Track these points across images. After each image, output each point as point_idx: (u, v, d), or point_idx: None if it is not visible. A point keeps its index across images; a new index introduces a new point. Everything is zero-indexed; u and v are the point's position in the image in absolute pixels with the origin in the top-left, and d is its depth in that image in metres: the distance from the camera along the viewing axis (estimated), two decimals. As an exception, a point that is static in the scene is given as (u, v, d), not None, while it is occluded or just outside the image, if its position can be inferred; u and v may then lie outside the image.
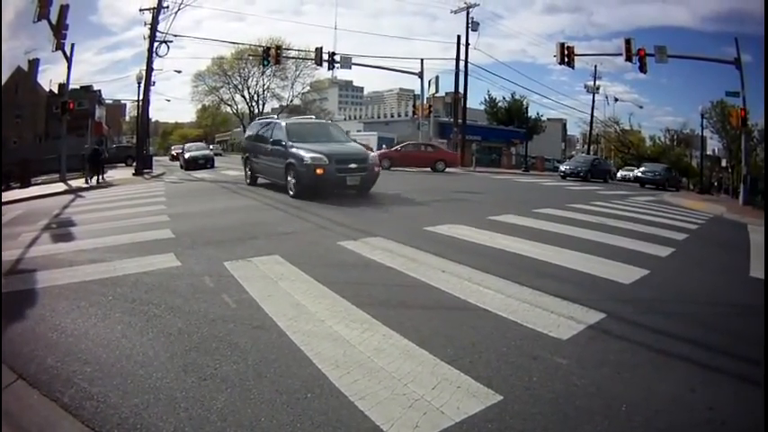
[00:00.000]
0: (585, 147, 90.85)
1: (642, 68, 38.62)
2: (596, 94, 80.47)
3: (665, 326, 6.60)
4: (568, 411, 4.39)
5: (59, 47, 33.99)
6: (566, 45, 41.91)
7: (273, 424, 4.07)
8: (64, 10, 33.21)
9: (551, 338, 5.92)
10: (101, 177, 33.96)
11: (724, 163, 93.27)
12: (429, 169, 43.00)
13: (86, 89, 73.39)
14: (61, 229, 14.67)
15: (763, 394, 4.69)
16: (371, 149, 47.11)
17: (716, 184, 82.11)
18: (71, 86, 42.48)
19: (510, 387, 4.74)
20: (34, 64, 66.79)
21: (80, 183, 32.00)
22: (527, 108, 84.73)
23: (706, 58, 41.86)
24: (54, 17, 32.52)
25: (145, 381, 4.77)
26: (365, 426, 4.05)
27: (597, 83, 79.53)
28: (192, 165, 48.12)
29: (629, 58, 38.10)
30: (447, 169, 44.21)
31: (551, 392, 4.69)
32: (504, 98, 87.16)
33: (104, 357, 5.31)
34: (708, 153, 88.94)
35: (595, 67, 77.63)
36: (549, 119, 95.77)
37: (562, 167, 51.16)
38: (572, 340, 5.93)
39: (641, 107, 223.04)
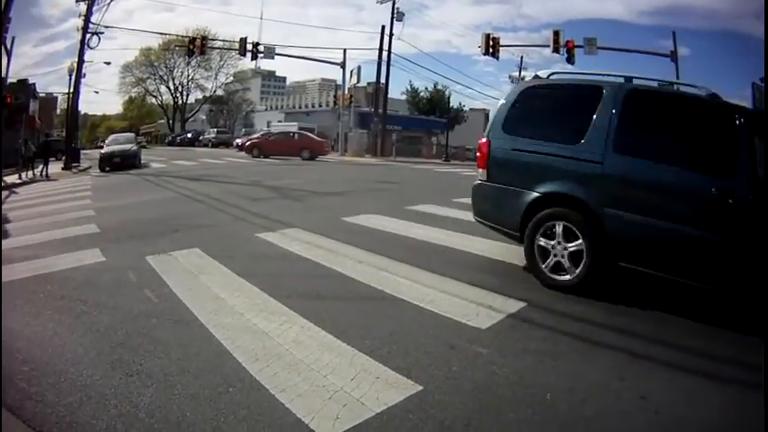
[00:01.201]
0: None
1: (570, 60, 38.95)
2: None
3: (588, 314, 6.66)
4: (490, 401, 4.47)
5: (1, 41, 33.40)
6: (491, 36, 42.18)
7: (199, 419, 4.13)
8: (8, 3, 32.60)
9: (470, 327, 6.01)
10: (47, 170, 34.55)
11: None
12: (298, 158, 44.12)
13: (22, 83, 72.03)
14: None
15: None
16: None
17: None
18: (9, 80, 41.91)
19: (429, 377, 4.82)
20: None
21: (14, 178, 31.68)
22: (449, 98, 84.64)
23: (639, 51, 42.14)
24: (-2, 11, 31.96)
25: (76, 379, 4.81)
26: (287, 419, 4.12)
27: (523, 73, 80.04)
28: (108, 163, 36.96)
29: (556, 50, 38.43)
30: (320, 158, 45.48)
31: (472, 382, 4.78)
32: (426, 88, 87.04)
33: (39, 356, 5.35)
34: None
35: (521, 57, 78.19)
36: (471, 109, 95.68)
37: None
38: (492, 329, 6.02)
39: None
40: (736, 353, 5.63)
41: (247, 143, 51.75)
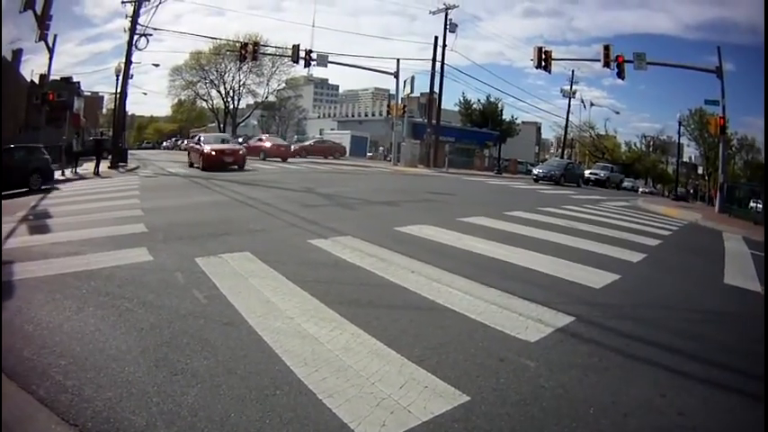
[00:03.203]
0: (559, 151, 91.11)
1: (620, 75, 38.56)
2: (572, 99, 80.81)
3: (634, 330, 6.65)
4: (535, 413, 4.42)
5: (42, 37, 33.67)
6: (543, 49, 41.87)
7: (243, 420, 4.09)
8: (48, 0, 32.92)
9: (519, 340, 5.96)
10: (98, 168, 35.22)
11: (700, 170, 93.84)
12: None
13: (66, 80, 72.79)
14: (38, 221, 14.78)
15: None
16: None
17: (692, 191, 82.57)
18: (51, 77, 42.41)
19: (477, 388, 4.77)
20: (17, 54, 66.45)
21: (58, 175, 32.04)
22: (502, 110, 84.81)
23: (686, 66, 41.63)
24: (39, 7, 32.19)
25: (118, 375, 4.79)
26: (333, 423, 4.08)
27: (574, 87, 79.89)
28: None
29: (606, 65, 38.02)
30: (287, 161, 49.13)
31: (518, 394, 4.72)
32: (479, 100, 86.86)
33: (78, 350, 5.33)
34: (684, 160, 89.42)
35: (572, 71, 78.04)
36: (523, 122, 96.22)
37: (535, 171, 50.98)
38: (540, 343, 5.97)
39: (618, 113, 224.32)
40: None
41: None
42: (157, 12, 64.43)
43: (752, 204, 27.95)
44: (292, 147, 66.10)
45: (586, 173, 60.67)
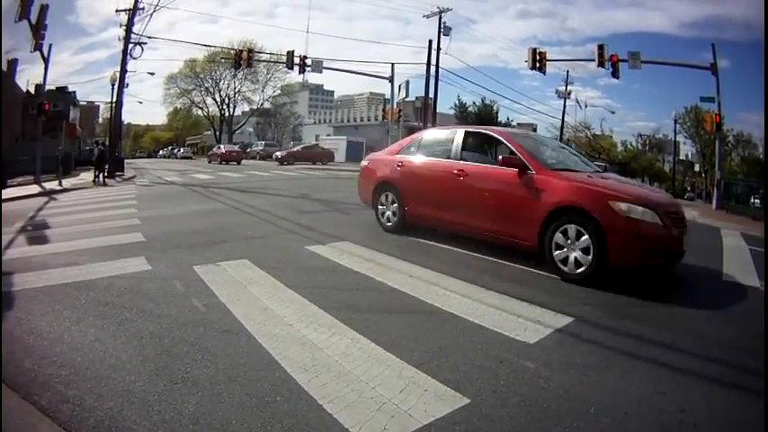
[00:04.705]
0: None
1: (615, 74, 38.40)
2: (567, 99, 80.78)
3: (633, 329, 6.69)
4: (536, 413, 4.44)
5: (38, 47, 33.50)
6: (537, 50, 41.79)
7: (244, 427, 4.10)
8: (44, 10, 32.74)
9: (518, 342, 5.99)
10: (104, 177, 35.60)
11: (697, 168, 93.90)
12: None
13: (62, 90, 72.49)
14: (36, 231, 14.60)
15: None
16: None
17: (689, 188, 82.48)
18: (47, 87, 42.25)
19: (477, 390, 4.78)
20: (13, 64, 66.10)
21: (55, 185, 31.85)
22: (497, 113, 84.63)
23: (681, 64, 41.67)
24: (34, 17, 32.06)
25: (118, 384, 4.78)
26: (334, 429, 4.09)
27: (569, 88, 79.85)
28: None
29: (601, 64, 37.89)
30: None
31: (518, 395, 4.74)
32: (474, 103, 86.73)
33: (79, 361, 5.31)
34: (681, 158, 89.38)
35: (567, 72, 78.10)
36: (519, 123, 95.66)
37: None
38: (539, 344, 6.00)
39: (613, 112, 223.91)
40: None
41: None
42: (152, 20, 64.31)
43: (752, 200, 28.05)
44: (278, 153, 66.44)
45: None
